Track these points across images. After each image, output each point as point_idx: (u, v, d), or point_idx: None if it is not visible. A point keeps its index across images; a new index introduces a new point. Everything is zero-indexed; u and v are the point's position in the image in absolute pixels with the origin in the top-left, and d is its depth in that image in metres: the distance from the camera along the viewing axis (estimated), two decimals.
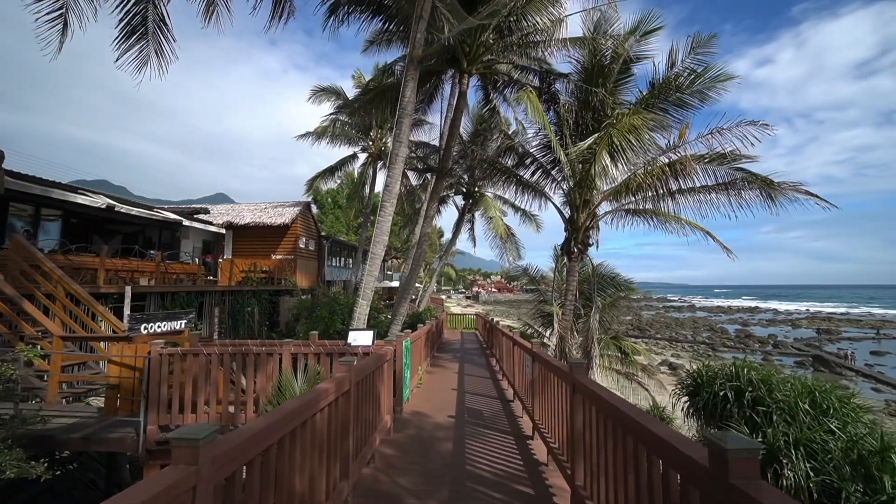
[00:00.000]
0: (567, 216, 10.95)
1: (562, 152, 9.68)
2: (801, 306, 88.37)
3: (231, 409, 5.30)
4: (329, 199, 38.01)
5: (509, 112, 15.88)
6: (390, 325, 11.73)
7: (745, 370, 6.64)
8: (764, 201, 8.12)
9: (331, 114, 11.34)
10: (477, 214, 21.99)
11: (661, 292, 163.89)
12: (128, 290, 7.91)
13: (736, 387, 6.48)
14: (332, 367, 5.18)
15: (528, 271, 13.90)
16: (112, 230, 19.33)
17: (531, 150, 11.41)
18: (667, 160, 9.00)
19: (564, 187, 11.24)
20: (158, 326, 6.70)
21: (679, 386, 7.71)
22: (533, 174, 11.42)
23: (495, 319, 16.49)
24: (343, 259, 27.49)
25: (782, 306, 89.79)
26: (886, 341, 40.20)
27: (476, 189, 21.15)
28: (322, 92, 20.71)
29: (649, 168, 8.92)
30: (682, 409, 7.49)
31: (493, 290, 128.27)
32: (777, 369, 6.56)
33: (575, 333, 11.37)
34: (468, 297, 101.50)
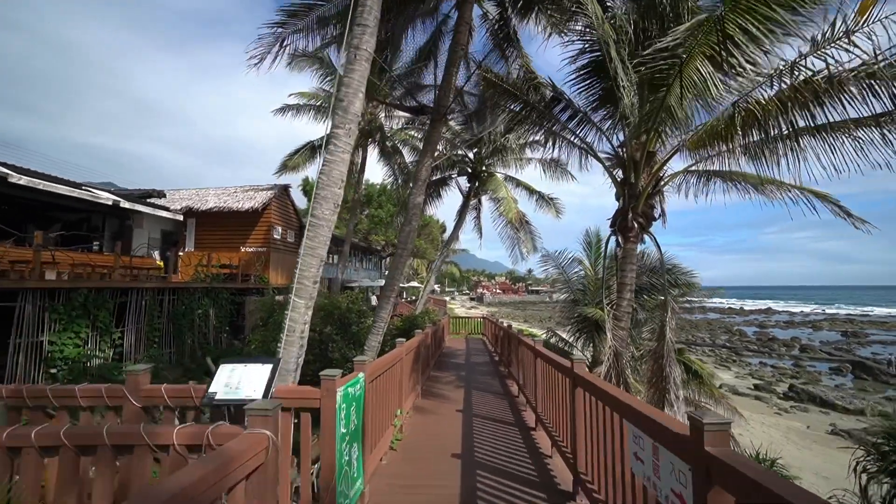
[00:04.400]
0: (620, 179, 7.57)
1: (622, 72, 6.28)
2: (817, 308, 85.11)
3: None
4: None
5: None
6: (368, 336, 8.35)
7: None
8: None
9: (274, 23, 7.67)
10: (484, 199, 18.54)
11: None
12: None
13: None
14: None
15: (557, 260, 10.36)
16: (53, 218, 16.19)
17: (563, 89, 8.02)
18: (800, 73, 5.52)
19: (614, 141, 7.89)
20: None
21: (867, 455, 4.28)
22: (569, 120, 8.03)
23: (506, 323, 13.10)
24: (330, 254, 24.08)
25: (796, 308, 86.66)
26: None
27: (483, 169, 17.71)
28: (303, 58, 17.48)
29: (775, 86, 5.43)
30: (882, 496, 4.09)
31: (498, 291, 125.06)
32: None
33: (631, 348, 7.91)
34: (472, 299, 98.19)
